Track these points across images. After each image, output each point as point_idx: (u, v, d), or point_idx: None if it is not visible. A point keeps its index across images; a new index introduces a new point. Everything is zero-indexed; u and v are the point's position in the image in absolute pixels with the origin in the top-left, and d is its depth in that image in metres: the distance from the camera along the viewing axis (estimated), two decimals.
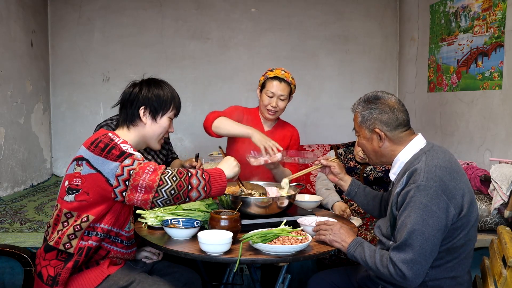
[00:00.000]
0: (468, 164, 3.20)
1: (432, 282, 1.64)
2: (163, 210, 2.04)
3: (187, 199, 1.69)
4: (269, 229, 1.79)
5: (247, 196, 2.02)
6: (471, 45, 3.55)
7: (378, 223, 1.84)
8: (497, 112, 3.28)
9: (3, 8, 3.82)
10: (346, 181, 2.09)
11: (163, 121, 1.88)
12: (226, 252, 1.69)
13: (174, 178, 1.66)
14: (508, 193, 2.61)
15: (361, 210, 2.73)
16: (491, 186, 2.74)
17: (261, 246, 1.69)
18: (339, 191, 2.74)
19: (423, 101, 4.36)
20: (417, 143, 1.73)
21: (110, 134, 1.75)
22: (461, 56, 3.69)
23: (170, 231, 1.84)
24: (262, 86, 2.61)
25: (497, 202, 2.65)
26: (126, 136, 1.83)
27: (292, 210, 2.15)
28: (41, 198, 3.88)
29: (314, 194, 2.74)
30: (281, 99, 2.57)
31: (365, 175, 2.79)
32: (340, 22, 4.92)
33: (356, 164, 2.84)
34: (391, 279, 1.59)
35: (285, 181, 2.18)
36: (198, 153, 2.38)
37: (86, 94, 4.80)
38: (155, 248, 1.91)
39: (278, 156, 2.32)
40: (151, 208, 1.71)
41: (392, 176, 1.79)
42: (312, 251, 1.75)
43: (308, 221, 1.96)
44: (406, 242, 1.55)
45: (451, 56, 3.84)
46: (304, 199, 2.39)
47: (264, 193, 2.09)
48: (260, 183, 2.25)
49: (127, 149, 1.70)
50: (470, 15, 3.57)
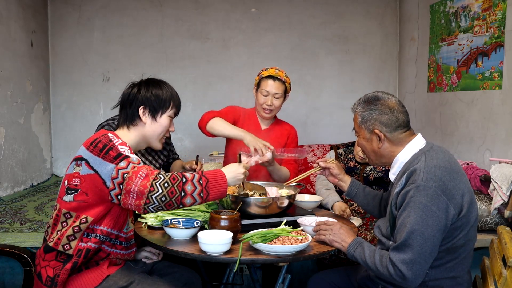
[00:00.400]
0: (468, 164, 3.19)
1: (432, 282, 1.64)
2: None
3: (181, 206, 1.65)
4: (269, 229, 1.79)
5: (247, 196, 2.02)
6: (471, 45, 3.55)
7: (378, 223, 1.84)
8: (497, 112, 3.27)
9: (3, 8, 3.82)
10: (346, 182, 2.09)
11: (163, 120, 1.88)
12: (226, 252, 1.69)
13: (166, 185, 1.61)
14: (508, 193, 2.60)
15: (361, 210, 2.73)
16: (491, 186, 2.74)
17: (261, 246, 1.69)
18: (339, 191, 2.75)
19: (423, 101, 4.36)
20: (417, 143, 1.73)
21: (110, 135, 1.75)
22: (461, 56, 3.69)
23: (170, 231, 1.84)
24: (258, 86, 2.66)
25: (497, 202, 2.65)
26: (126, 136, 1.83)
27: (292, 210, 2.15)
28: (41, 198, 3.88)
29: (314, 194, 2.74)
30: (276, 97, 2.60)
31: (365, 175, 2.79)
32: (340, 22, 4.92)
33: (356, 164, 2.84)
34: (391, 279, 1.59)
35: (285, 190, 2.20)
36: (198, 155, 2.38)
37: (86, 94, 4.80)
38: (155, 248, 1.91)
39: (268, 155, 2.35)
40: (145, 214, 1.69)
41: (392, 176, 1.79)
42: (312, 251, 1.75)
43: (308, 221, 1.96)
44: (406, 242, 1.55)
45: (451, 56, 3.84)
46: (304, 199, 2.39)
47: (264, 193, 2.08)
48: (260, 183, 2.25)
49: (124, 151, 1.68)
50: (470, 15, 3.57)
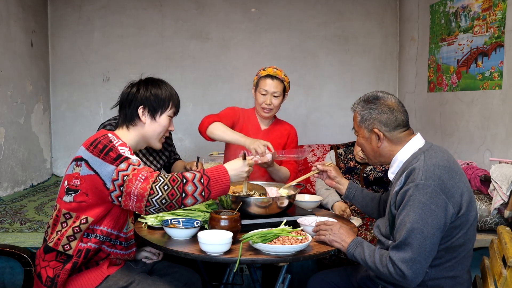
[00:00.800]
0: (468, 164, 3.19)
1: (432, 282, 1.64)
2: None
3: (182, 206, 1.65)
4: (269, 229, 1.79)
5: (247, 196, 2.02)
6: (471, 45, 3.55)
7: (377, 223, 1.85)
8: (497, 112, 3.27)
9: (3, 8, 3.82)
10: (344, 184, 2.10)
11: (162, 120, 1.88)
12: (226, 252, 1.69)
13: (166, 187, 1.61)
14: (508, 193, 2.60)
15: None
16: (491, 186, 2.74)
17: (261, 246, 1.69)
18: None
19: (423, 101, 4.36)
20: (416, 143, 1.73)
21: (110, 135, 1.74)
22: (461, 56, 3.69)
23: (170, 231, 1.84)
24: (256, 85, 2.66)
25: (497, 202, 2.65)
26: (126, 136, 1.83)
27: (292, 210, 2.15)
28: (41, 198, 3.88)
29: (314, 194, 2.74)
30: (275, 96, 2.61)
31: (365, 175, 2.79)
32: (340, 22, 4.92)
33: (356, 164, 2.84)
34: (391, 279, 1.59)
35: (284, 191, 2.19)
36: (199, 157, 2.38)
37: (86, 94, 4.80)
38: (155, 248, 1.91)
39: (268, 157, 2.35)
40: (147, 215, 1.70)
41: (391, 176, 1.79)
42: (312, 251, 1.75)
43: (308, 221, 1.96)
44: (405, 241, 1.56)
45: (451, 56, 3.84)
46: (304, 199, 2.39)
47: (264, 193, 2.08)
48: (260, 183, 2.25)
49: (124, 152, 1.68)
50: (470, 15, 3.57)
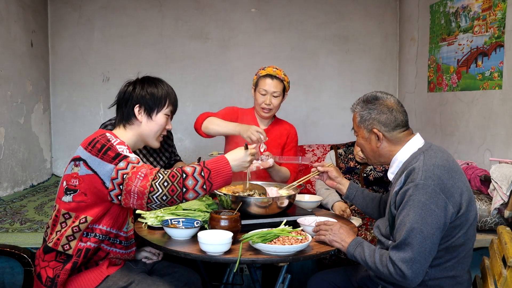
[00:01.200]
0: (468, 164, 3.19)
1: (432, 282, 1.65)
2: (163, 210, 2.04)
3: (184, 201, 1.66)
4: (269, 229, 1.79)
5: (247, 196, 2.02)
6: (471, 45, 3.55)
7: (377, 223, 1.85)
8: (497, 112, 3.27)
9: (3, 8, 3.82)
10: (344, 185, 2.10)
11: (159, 119, 1.87)
12: (226, 252, 1.69)
13: (166, 184, 1.61)
14: (508, 193, 2.60)
15: None
16: (491, 186, 2.74)
17: (261, 246, 1.69)
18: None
19: (423, 101, 4.36)
20: (415, 143, 1.73)
21: (108, 134, 1.74)
22: (461, 56, 3.68)
23: (170, 231, 1.84)
24: (256, 85, 2.64)
25: (497, 202, 2.65)
26: (124, 136, 1.83)
27: (292, 210, 2.15)
28: (41, 198, 3.88)
29: (314, 194, 2.74)
30: (275, 96, 2.59)
31: (365, 175, 2.79)
32: (340, 22, 4.91)
33: (356, 164, 2.84)
34: (391, 279, 1.59)
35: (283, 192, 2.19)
36: (200, 157, 2.38)
37: (86, 94, 4.79)
38: (155, 248, 1.91)
39: (270, 162, 2.37)
40: (149, 210, 1.70)
41: (390, 176, 1.79)
42: (312, 251, 1.75)
43: (308, 221, 1.96)
44: (405, 241, 1.56)
45: (451, 56, 3.83)
46: (304, 199, 2.39)
47: (264, 193, 2.08)
48: (260, 183, 2.25)
49: (123, 151, 1.68)
50: (470, 15, 3.57)
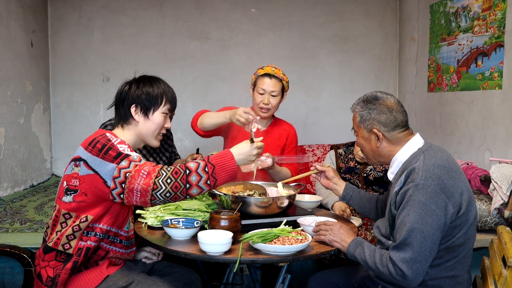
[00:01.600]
0: (468, 164, 3.19)
1: (432, 282, 1.65)
2: (163, 210, 2.04)
3: (188, 197, 1.67)
4: (269, 229, 1.79)
5: (247, 196, 2.02)
6: (471, 45, 3.55)
7: (377, 223, 1.85)
8: (497, 112, 3.27)
9: (3, 8, 3.82)
10: (341, 186, 2.10)
11: (156, 118, 1.86)
12: (226, 252, 1.69)
13: (169, 180, 1.62)
14: (508, 193, 2.60)
15: None
16: (491, 186, 2.74)
17: (261, 246, 1.69)
18: None
19: (423, 101, 4.36)
20: (415, 143, 1.73)
21: (108, 134, 1.74)
22: (461, 56, 3.68)
23: (170, 231, 1.84)
24: (254, 85, 2.61)
25: (497, 202, 2.65)
26: (123, 136, 1.83)
27: (292, 210, 2.15)
28: (41, 198, 3.88)
29: (314, 194, 2.74)
30: (273, 95, 2.55)
31: (365, 175, 2.79)
32: (340, 22, 4.91)
33: (356, 164, 2.84)
34: (391, 279, 1.59)
35: (280, 185, 2.18)
36: (198, 148, 2.38)
37: (86, 94, 4.79)
38: (155, 248, 1.91)
39: (269, 162, 2.34)
40: (153, 206, 1.71)
41: (390, 176, 1.79)
42: (312, 251, 1.75)
43: (308, 221, 1.96)
44: (406, 241, 1.56)
45: (451, 56, 3.83)
46: (304, 199, 2.39)
47: (264, 193, 2.08)
48: (260, 183, 2.25)
49: (124, 150, 1.69)
50: (470, 15, 3.57)
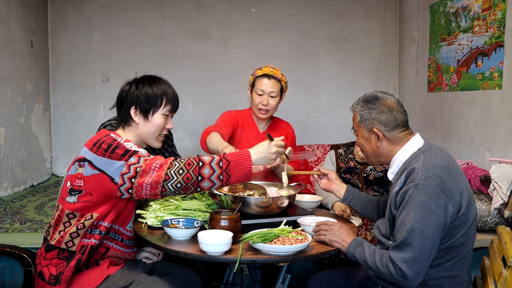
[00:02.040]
0: (468, 164, 3.19)
1: (432, 281, 1.65)
2: (163, 210, 2.04)
3: (199, 189, 1.68)
4: (269, 229, 1.79)
5: (247, 196, 2.02)
6: (471, 45, 3.55)
7: (377, 223, 1.85)
8: (497, 112, 3.27)
9: (3, 8, 3.82)
10: (342, 188, 2.11)
11: (156, 119, 1.85)
12: (226, 252, 1.69)
13: (181, 171, 1.64)
14: (508, 193, 2.60)
15: None
16: (491, 186, 2.74)
17: (261, 246, 1.69)
18: None
19: (423, 101, 4.36)
20: (415, 143, 1.73)
21: (113, 135, 1.76)
22: (461, 56, 3.68)
23: (170, 231, 1.84)
24: (252, 86, 2.59)
25: (497, 202, 2.65)
26: (125, 137, 1.83)
27: (292, 210, 2.15)
28: (41, 198, 3.88)
29: (314, 194, 2.74)
30: (272, 96, 2.54)
31: (365, 175, 2.79)
32: (340, 22, 4.91)
33: (356, 164, 2.84)
34: (391, 279, 1.59)
35: (284, 178, 2.17)
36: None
37: (86, 94, 4.80)
38: (155, 248, 1.91)
39: (277, 161, 2.33)
40: (163, 197, 1.71)
41: (390, 176, 1.80)
42: (312, 251, 1.75)
43: (308, 221, 1.96)
44: (406, 241, 1.56)
45: (451, 56, 3.83)
46: (304, 199, 2.38)
47: (264, 193, 2.08)
48: (260, 183, 2.25)
49: (131, 147, 1.70)
50: (470, 15, 3.57)
